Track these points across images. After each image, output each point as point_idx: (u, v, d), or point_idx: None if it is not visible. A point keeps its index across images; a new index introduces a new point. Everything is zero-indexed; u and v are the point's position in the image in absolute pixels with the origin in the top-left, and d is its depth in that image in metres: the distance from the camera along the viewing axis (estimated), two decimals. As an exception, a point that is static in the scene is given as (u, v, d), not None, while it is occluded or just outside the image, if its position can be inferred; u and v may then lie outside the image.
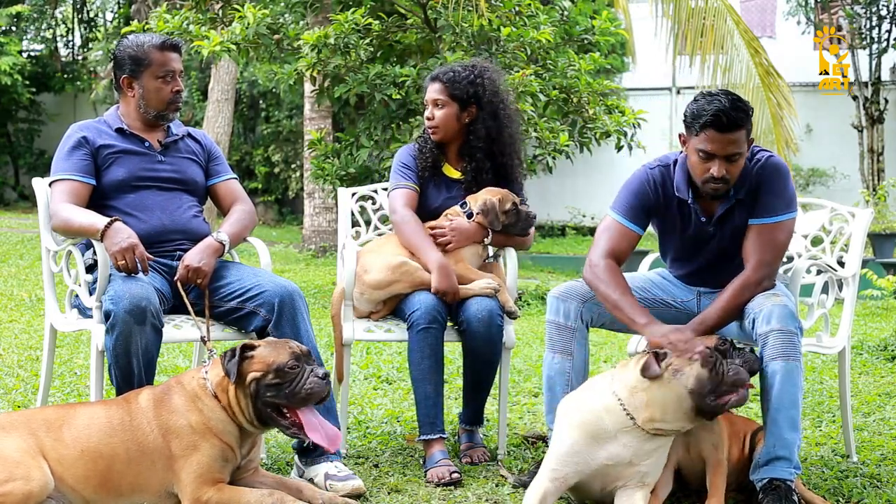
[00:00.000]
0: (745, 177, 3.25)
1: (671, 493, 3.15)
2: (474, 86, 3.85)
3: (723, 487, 3.03)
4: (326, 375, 2.96)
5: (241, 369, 2.94)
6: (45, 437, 2.87)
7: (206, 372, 3.02)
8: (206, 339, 3.31)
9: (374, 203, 4.25)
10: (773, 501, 2.95)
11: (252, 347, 2.99)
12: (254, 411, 2.95)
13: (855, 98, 15.95)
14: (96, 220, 3.33)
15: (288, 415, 2.97)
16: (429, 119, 3.88)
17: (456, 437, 3.91)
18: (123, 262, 3.23)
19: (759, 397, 3.19)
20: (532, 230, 3.93)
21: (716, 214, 3.30)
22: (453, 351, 4.81)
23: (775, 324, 3.06)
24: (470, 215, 3.78)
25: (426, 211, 3.88)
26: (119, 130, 3.61)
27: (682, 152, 3.32)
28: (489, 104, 3.87)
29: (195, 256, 3.42)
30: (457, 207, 3.84)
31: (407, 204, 3.83)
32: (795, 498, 2.98)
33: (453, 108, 3.85)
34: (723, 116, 3.12)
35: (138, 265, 3.24)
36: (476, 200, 3.79)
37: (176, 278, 3.40)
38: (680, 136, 3.29)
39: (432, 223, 3.82)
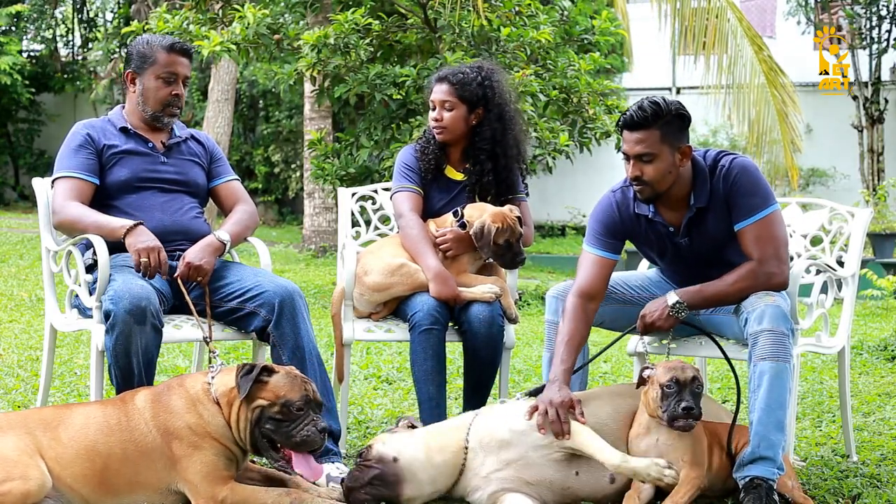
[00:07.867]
0: (703, 184, 3.21)
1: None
2: (483, 88, 3.83)
3: (687, 495, 2.97)
4: (325, 430, 2.91)
5: (252, 390, 2.90)
6: (42, 437, 2.87)
7: (213, 378, 2.99)
8: (208, 338, 3.31)
9: (374, 203, 4.25)
10: (754, 500, 2.94)
11: (271, 371, 2.95)
12: (249, 436, 2.92)
13: (855, 98, 15.93)
14: (116, 221, 3.35)
15: (281, 448, 2.93)
16: (437, 120, 3.85)
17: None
18: (146, 259, 3.24)
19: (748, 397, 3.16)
20: (531, 231, 3.93)
21: (682, 225, 3.27)
22: (453, 351, 4.81)
23: (766, 324, 3.05)
24: (463, 226, 3.73)
25: (428, 213, 3.88)
26: (123, 130, 3.62)
27: None
28: (497, 106, 3.85)
29: (196, 254, 3.42)
30: (449, 216, 3.81)
31: (413, 208, 3.81)
32: (776, 497, 2.97)
33: (462, 109, 3.83)
34: (629, 115, 3.14)
35: (160, 266, 3.25)
36: (475, 217, 3.69)
37: (176, 275, 3.40)
38: None
39: (436, 225, 3.81)
